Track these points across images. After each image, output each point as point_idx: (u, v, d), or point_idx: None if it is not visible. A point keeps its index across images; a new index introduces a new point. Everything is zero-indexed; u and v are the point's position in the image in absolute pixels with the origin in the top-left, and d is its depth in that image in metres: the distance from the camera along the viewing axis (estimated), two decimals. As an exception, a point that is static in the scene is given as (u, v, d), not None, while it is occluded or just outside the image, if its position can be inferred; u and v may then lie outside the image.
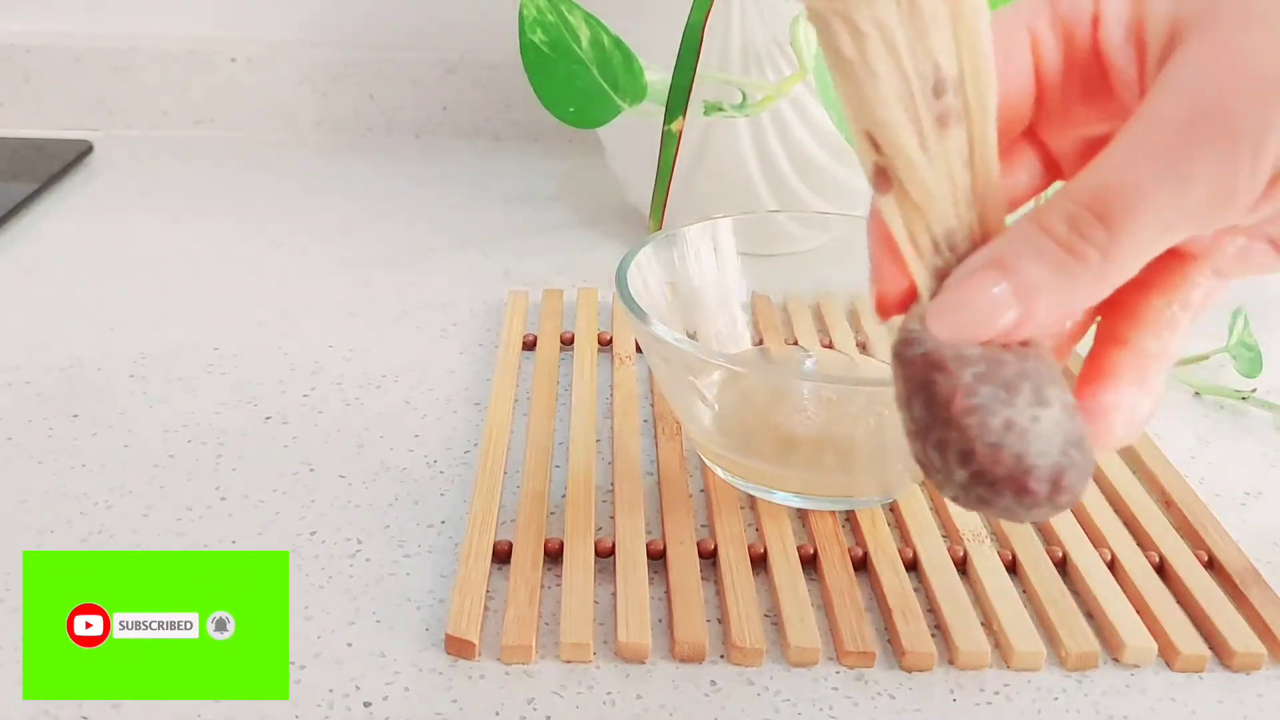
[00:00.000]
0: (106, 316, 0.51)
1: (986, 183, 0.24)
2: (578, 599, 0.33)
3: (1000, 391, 0.23)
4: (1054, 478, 0.23)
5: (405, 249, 0.61)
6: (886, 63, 0.22)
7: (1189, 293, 0.26)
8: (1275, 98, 0.22)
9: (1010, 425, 0.23)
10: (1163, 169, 0.22)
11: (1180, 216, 0.23)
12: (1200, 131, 0.22)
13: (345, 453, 0.42)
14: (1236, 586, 0.35)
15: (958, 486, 0.23)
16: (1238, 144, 0.22)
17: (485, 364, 0.48)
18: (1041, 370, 0.24)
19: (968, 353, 0.24)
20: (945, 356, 0.24)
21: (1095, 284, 0.23)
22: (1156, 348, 0.26)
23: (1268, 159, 0.22)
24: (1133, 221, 0.23)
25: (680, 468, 0.40)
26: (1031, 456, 0.23)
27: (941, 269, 0.24)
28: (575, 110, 0.52)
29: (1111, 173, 0.23)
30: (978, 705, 0.31)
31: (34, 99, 0.76)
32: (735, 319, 0.45)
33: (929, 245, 0.24)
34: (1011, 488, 0.23)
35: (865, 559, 0.36)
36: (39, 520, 0.37)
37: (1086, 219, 0.23)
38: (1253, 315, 0.50)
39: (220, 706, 0.30)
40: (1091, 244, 0.23)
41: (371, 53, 0.77)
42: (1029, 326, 0.24)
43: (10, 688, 0.31)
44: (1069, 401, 0.24)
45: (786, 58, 0.52)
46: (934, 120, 0.23)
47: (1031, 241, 0.23)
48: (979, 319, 0.24)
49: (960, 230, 0.24)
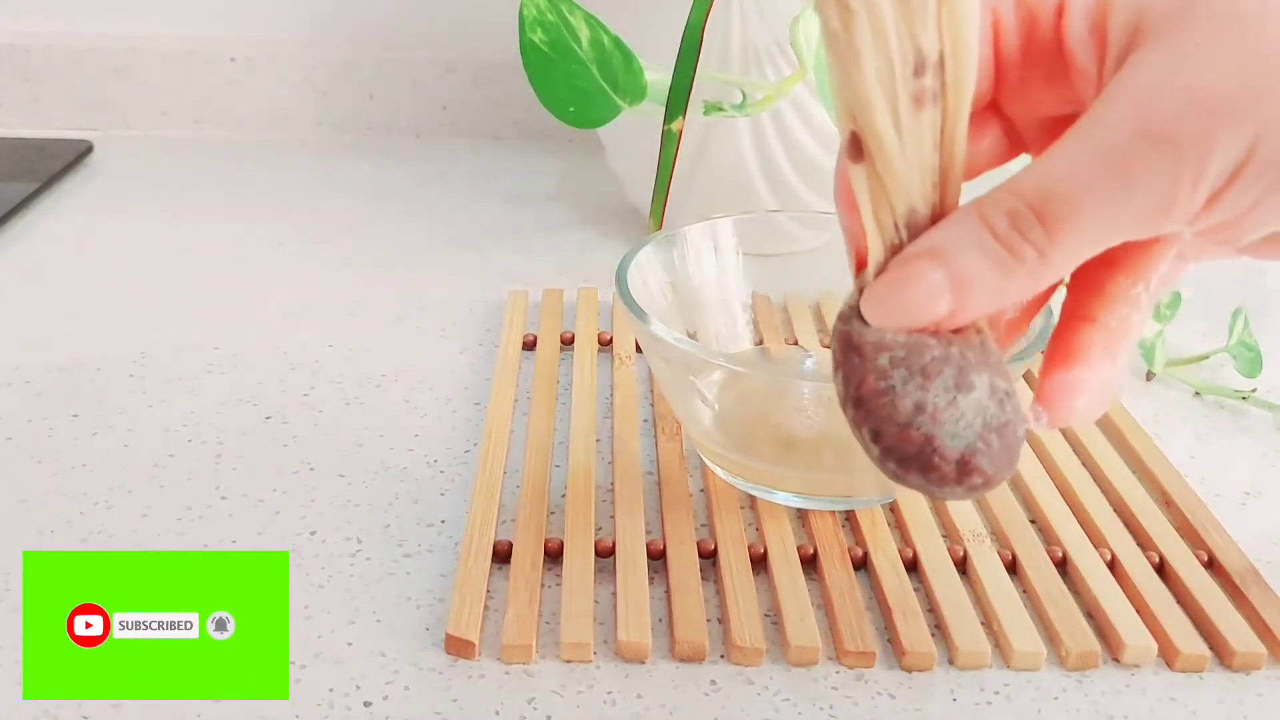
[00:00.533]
0: (106, 316, 0.51)
1: (952, 163, 0.25)
2: (578, 599, 0.33)
3: (916, 377, 0.24)
4: (963, 460, 0.24)
5: (405, 249, 0.61)
6: (870, 42, 0.23)
7: (1154, 273, 0.27)
8: (1221, 119, 0.22)
9: (921, 408, 0.24)
10: (1105, 179, 0.23)
11: (1118, 225, 0.23)
12: (1144, 146, 0.22)
13: (345, 452, 0.42)
14: (1236, 586, 0.35)
15: (874, 460, 0.25)
16: (1180, 163, 0.22)
17: (485, 363, 0.48)
18: (969, 356, 0.25)
19: (889, 338, 0.24)
20: (865, 340, 0.25)
21: (1029, 281, 0.24)
22: (1121, 324, 0.27)
23: (1207, 179, 0.22)
24: (1071, 226, 0.23)
25: (680, 468, 0.40)
26: (941, 439, 0.24)
27: (896, 245, 0.25)
28: (575, 110, 0.52)
29: (1055, 174, 0.23)
30: (978, 705, 0.31)
31: (34, 99, 0.76)
32: (735, 319, 0.45)
33: (889, 221, 0.25)
34: (918, 467, 0.24)
35: (865, 559, 0.36)
36: (39, 520, 0.37)
37: (1027, 218, 0.23)
38: (1253, 315, 0.50)
39: (220, 706, 0.30)
40: (1029, 243, 0.23)
41: (371, 53, 0.77)
42: (962, 317, 0.25)
43: (10, 688, 0.31)
44: (1001, 387, 0.25)
45: (786, 58, 0.52)
46: (910, 99, 0.23)
47: (972, 233, 0.24)
48: (912, 308, 0.24)
49: (921, 208, 0.25)
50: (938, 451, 0.24)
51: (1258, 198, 0.23)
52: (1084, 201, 0.23)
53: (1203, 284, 0.55)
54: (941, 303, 0.24)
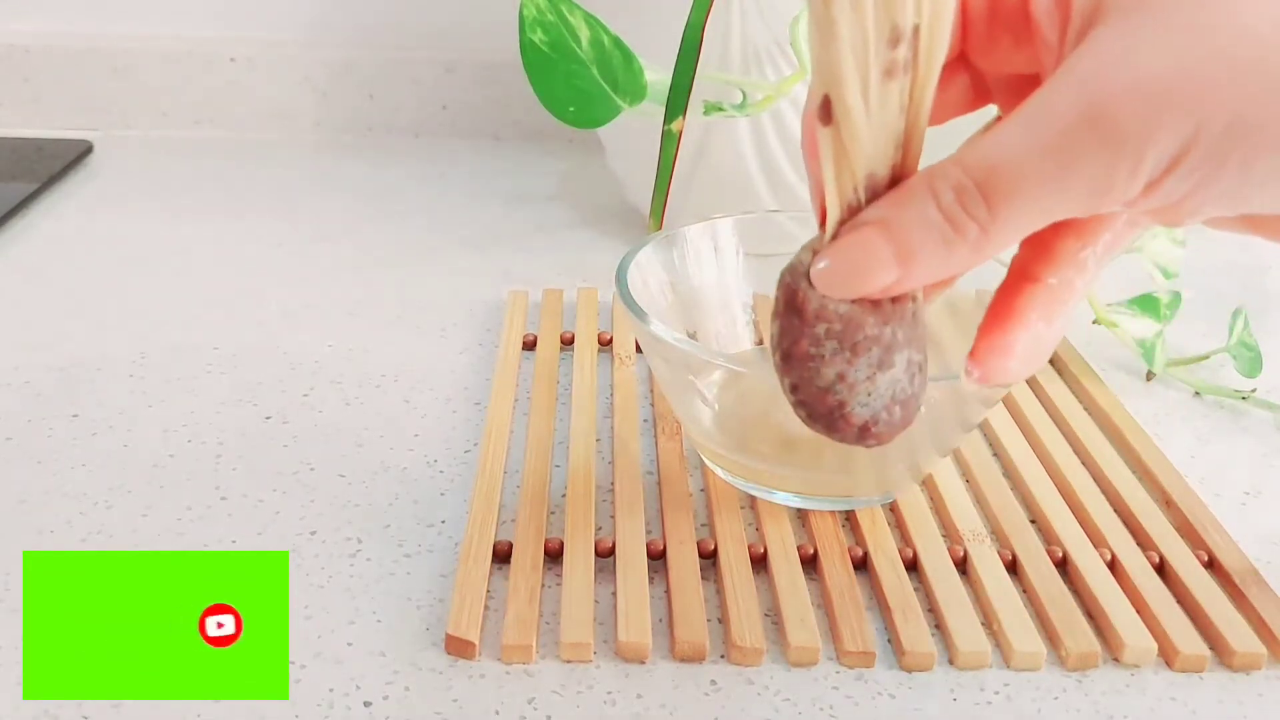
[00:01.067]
0: (106, 316, 0.51)
1: (916, 126, 0.25)
2: (578, 599, 0.33)
3: (845, 352, 0.26)
4: (865, 426, 0.27)
5: (405, 249, 0.61)
6: (849, 16, 0.23)
7: (1101, 238, 0.27)
8: (1160, 107, 0.22)
9: (842, 378, 0.27)
10: (1045, 161, 0.23)
11: (1058, 206, 0.24)
12: (1085, 133, 0.23)
13: (345, 452, 0.42)
14: (1236, 586, 0.35)
15: (788, 401, 0.27)
16: (1119, 153, 0.23)
17: (485, 363, 0.48)
18: (898, 335, 0.27)
19: (831, 308, 0.26)
20: (809, 304, 0.26)
21: (972, 255, 0.25)
22: (1064, 286, 0.27)
23: (1145, 168, 0.23)
24: (1013, 204, 0.24)
25: (680, 468, 0.40)
26: (851, 406, 0.27)
27: (854, 207, 0.26)
28: (575, 110, 0.52)
29: (999, 152, 0.24)
30: (978, 705, 0.31)
31: (34, 99, 0.76)
32: (735, 319, 0.45)
33: (849, 185, 0.25)
34: (825, 424, 0.27)
35: (865, 559, 0.36)
36: (39, 520, 0.37)
37: (972, 194, 0.24)
38: (1253, 315, 0.50)
39: (220, 706, 0.30)
40: (973, 218, 0.24)
41: (371, 53, 0.77)
42: (905, 287, 0.26)
43: (10, 688, 0.31)
44: (915, 361, 0.28)
45: (786, 58, 0.52)
46: (881, 71, 0.24)
47: (919, 207, 0.25)
48: (858, 280, 0.25)
49: (880, 172, 0.25)
50: (845, 417, 0.27)
51: (1193, 188, 0.23)
52: (1024, 182, 0.23)
53: (1203, 284, 0.55)
54: (887, 274, 0.25)
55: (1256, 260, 0.63)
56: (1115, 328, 0.49)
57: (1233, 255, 0.63)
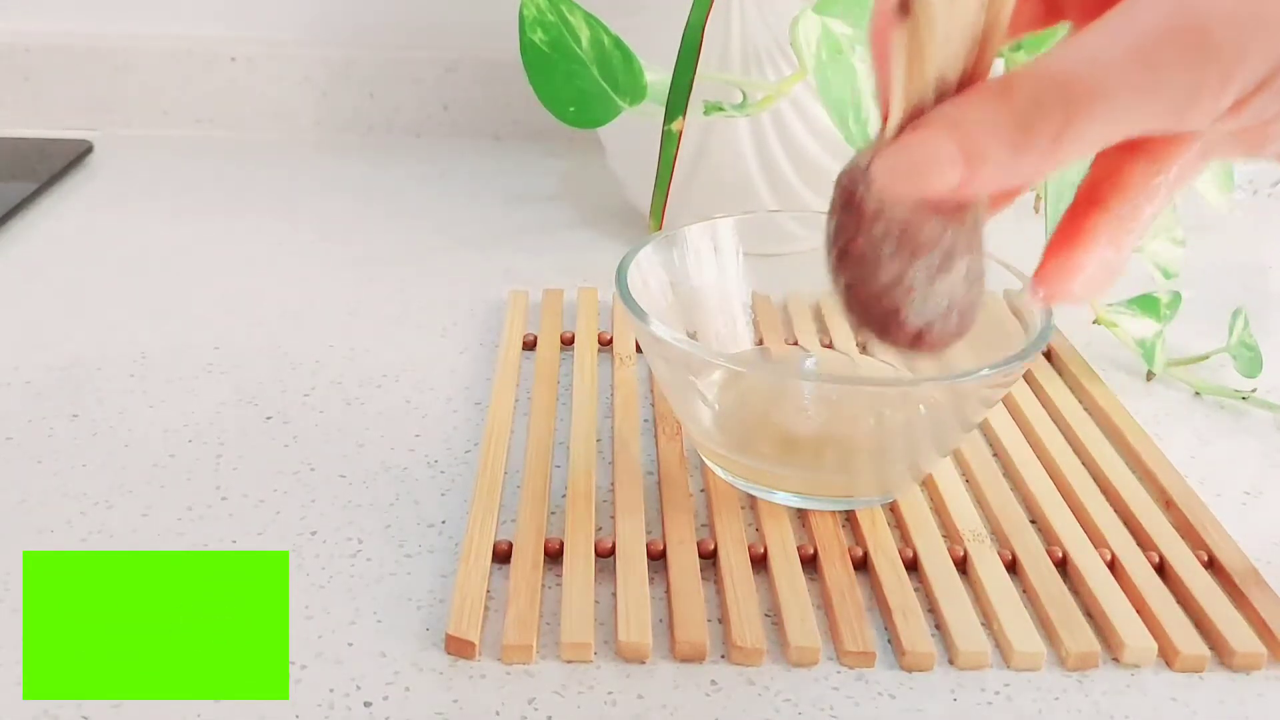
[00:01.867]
0: (106, 316, 0.51)
1: (995, 28, 0.24)
2: (578, 599, 0.33)
3: (904, 254, 0.25)
4: (920, 332, 0.26)
5: (405, 248, 0.61)
6: None
7: (1175, 164, 0.27)
8: (1254, 25, 0.22)
9: (899, 280, 0.25)
10: (1133, 70, 0.22)
11: (1137, 120, 0.23)
12: (1175, 45, 0.22)
13: (346, 452, 0.42)
14: (1236, 586, 0.35)
15: (838, 294, 0.26)
16: (1207, 68, 0.22)
17: (485, 364, 0.48)
18: (958, 240, 0.25)
19: (892, 210, 0.25)
20: (868, 204, 0.25)
21: (1041, 162, 0.24)
22: (1133, 213, 0.27)
23: (1234, 84, 0.22)
24: (1091, 116, 0.23)
25: (680, 468, 0.40)
26: (907, 311, 0.26)
27: (919, 109, 0.25)
28: (575, 110, 0.52)
29: (1083, 58, 0.23)
30: (978, 705, 0.31)
31: (34, 99, 0.76)
32: (735, 319, 0.45)
33: (919, 84, 0.24)
34: (878, 328, 0.26)
35: (865, 559, 0.36)
36: (39, 520, 0.37)
37: (1049, 101, 0.23)
38: (1253, 315, 0.50)
39: (220, 706, 0.30)
40: (1047, 125, 0.23)
41: (371, 52, 0.77)
42: (968, 190, 0.24)
43: (10, 688, 0.31)
44: (975, 269, 0.26)
45: (786, 58, 0.52)
46: None
47: (991, 109, 0.24)
48: (921, 176, 0.24)
49: (950, 75, 0.24)
50: (900, 322, 0.26)
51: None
52: (1108, 89, 0.23)
53: (1203, 284, 0.55)
54: (952, 174, 0.24)
55: (1256, 260, 0.63)
56: (1115, 328, 0.49)
57: (1233, 255, 0.63)
